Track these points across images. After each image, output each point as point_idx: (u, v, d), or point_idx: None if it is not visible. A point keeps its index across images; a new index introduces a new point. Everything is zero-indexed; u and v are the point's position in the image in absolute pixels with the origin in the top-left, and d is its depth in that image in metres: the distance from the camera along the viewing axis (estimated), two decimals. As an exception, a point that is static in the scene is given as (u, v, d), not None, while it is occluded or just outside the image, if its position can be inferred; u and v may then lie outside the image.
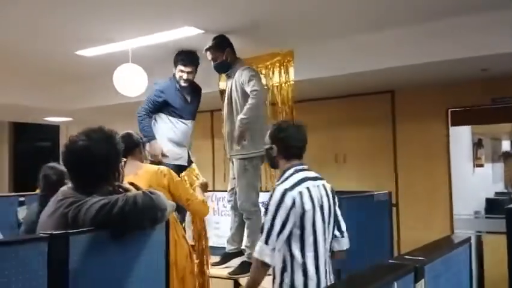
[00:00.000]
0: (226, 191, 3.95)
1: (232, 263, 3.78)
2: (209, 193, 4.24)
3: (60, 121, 7.61)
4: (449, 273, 1.34)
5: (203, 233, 3.92)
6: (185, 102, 4.12)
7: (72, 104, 6.23)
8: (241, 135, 3.56)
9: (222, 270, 3.75)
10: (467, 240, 1.55)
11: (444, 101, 4.92)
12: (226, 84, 4.03)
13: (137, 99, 4.45)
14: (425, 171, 4.99)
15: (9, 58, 4.84)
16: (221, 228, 4.38)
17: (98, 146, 1.85)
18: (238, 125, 3.54)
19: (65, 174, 2.46)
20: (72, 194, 1.81)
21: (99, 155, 1.84)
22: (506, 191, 6.60)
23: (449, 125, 4.94)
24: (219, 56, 3.84)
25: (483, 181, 6.44)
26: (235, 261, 3.75)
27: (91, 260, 1.59)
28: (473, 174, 6.17)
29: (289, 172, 2.43)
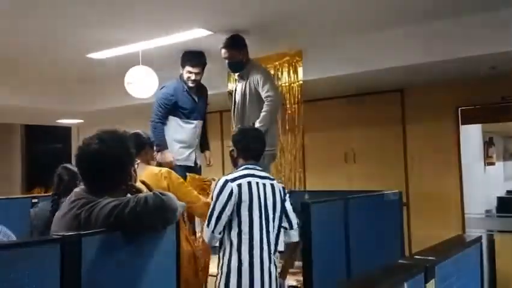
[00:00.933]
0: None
1: None
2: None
3: (72, 123, 7.69)
4: (459, 273, 1.34)
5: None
6: (194, 102, 4.15)
7: (84, 106, 6.29)
8: None
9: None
10: (478, 239, 1.55)
11: (454, 99, 4.89)
12: (236, 84, 4.04)
13: (147, 101, 4.48)
14: (435, 170, 4.95)
15: (23, 62, 4.90)
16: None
17: (111, 150, 1.84)
18: None
19: (77, 175, 2.48)
20: (84, 195, 1.82)
21: (112, 159, 1.84)
22: (517, 189, 6.54)
23: (460, 123, 4.90)
24: (235, 54, 3.84)
25: (494, 179, 6.39)
26: None
27: (103, 261, 1.60)
28: (484, 173, 6.12)
29: (239, 168, 2.73)
